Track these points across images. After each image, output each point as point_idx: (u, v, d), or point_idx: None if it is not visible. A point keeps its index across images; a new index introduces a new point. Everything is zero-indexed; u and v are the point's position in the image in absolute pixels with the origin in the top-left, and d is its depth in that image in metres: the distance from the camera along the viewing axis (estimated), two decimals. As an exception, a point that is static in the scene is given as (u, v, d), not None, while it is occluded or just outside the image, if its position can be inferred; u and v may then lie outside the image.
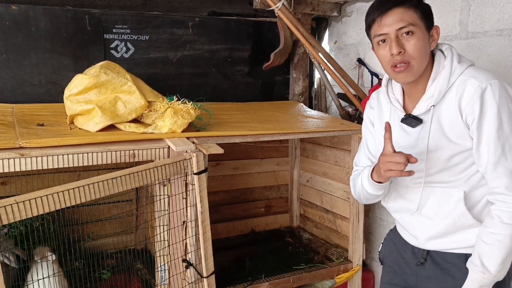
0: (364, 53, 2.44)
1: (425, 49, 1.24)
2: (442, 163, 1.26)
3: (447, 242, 1.33)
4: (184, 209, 1.59)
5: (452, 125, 1.24)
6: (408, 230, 1.42)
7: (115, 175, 1.35)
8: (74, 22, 1.98)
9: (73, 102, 1.60)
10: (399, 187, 1.41)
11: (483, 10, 1.78)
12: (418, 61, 1.23)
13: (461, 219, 1.28)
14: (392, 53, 1.22)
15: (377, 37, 1.25)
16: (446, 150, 1.25)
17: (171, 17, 2.20)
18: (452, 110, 1.23)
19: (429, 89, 1.27)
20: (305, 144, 2.47)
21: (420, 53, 1.22)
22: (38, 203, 1.18)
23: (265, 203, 2.54)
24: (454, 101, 1.23)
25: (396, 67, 1.24)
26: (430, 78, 1.27)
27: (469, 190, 1.27)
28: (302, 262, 2.05)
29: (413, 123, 1.30)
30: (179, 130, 1.60)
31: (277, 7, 2.18)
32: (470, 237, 1.28)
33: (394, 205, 1.43)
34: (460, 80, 1.23)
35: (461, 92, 1.21)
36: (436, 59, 1.28)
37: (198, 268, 1.62)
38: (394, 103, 1.35)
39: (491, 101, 1.17)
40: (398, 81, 1.30)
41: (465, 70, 1.23)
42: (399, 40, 1.22)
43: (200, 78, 2.31)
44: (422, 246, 1.38)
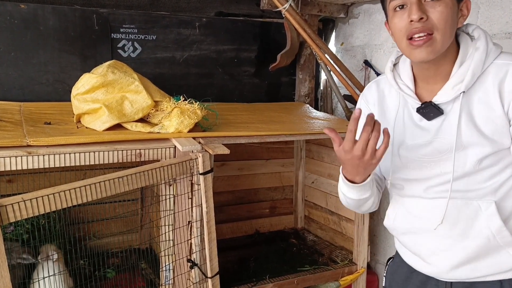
0: (371, 55, 2.43)
1: (452, 21, 1.01)
2: (472, 165, 1.04)
3: (477, 269, 1.09)
4: (189, 209, 1.59)
5: (487, 117, 1.02)
6: (422, 257, 1.17)
7: (121, 174, 1.36)
8: (82, 21, 1.98)
9: (80, 101, 1.61)
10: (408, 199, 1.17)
11: (492, 13, 1.76)
12: (442, 34, 0.99)
13: (496, 237, 1.05)
14: (411, 19, 0.99)
15: (394, 0, 1.02)
16: (478, 148, 1.02)
17: (178, 17, 2.20)
18: (489, 99, 1.01)
19: (456, 73, 1.04)
20: (311, 146, 2.46)
21: (446, 23, 0.99)
22: (45, 201, 1.19)
23: (270, 204, 2.54)
24: (491, 88, 1.01)
25: (414, 40, 1.01)
26: (457, 62, 1.05)
27: (499, 200, 1.05)
28: (306, 263, 2.05)
29: (432, 114, 1.07)
30: (185, 130, 1.60)
31: (284, 8, 2.18)
32: (506, 259, 1.07)
33: (404, 225, 1.18)
34: (496, 65, 1.02)
35: (501, 77, 1.00)
36: (462, 41, 1.07)
37: (203, 268, 1.62)
38: (405, 90, 1.12)
39: None
40: (415, 58, 1.04)
41: (500, 54, 1.04)
42: (421, 4, 0.99)
43: (206, 78, 2.31)
44: (445, 276, 1.13)
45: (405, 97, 1.13)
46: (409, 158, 1.14)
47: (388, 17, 1.09)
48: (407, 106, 1.14)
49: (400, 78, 1.14)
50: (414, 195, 1.15)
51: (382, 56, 2.35)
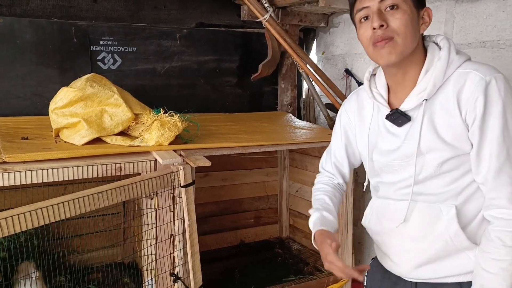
0: (352, 64, 2.46)
1: (412, 27, 1.06)
2: (433, 169, 1.09)
3: (438, 270, 1.14)
4: (171, 222, 1.58)
5: (447, 124, 1.07)
6: (390, 256, 1.23)
7: (101, 189, 1.34)
8: (60, 34, 1.96)
9: (58, 115, 1.58)
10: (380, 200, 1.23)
11: (467, 23, 1.80)
12: (403, 37, 1.05)
13: (453, 240, 1.09)
14: (373, 27, 1.06)
15: (359, 12, 1.10)
16: (438, 153, 1.08)
17: (159, 28, 2.20)
18: (449, 107, 1.06)
19: (421, 81, 1.10)
20: (294, 155, 2.47)
21: (406, 28, 1.05)
22: (21, 219, 1.16)
23: (255, 214, 2.53)
24: (451, 96, 1.06)
25: (378, 42, 1.07)
26: (422, 70, 1.10)
27: (461, 205, 1.10)
28: (291, 273, 2.05)
29: (400, 121, 1.13)
30: (166, 142, 1.59)
31: (265, 18, 2.20)
32: (465, 262, 1.11)
33: (376, 225, 1.25)
34: (458, 73, 1.07)
35: (460, 85, 1.05)
36: (429, 50, 1.12)
37: (186, 282, 1.60)
38: (377, 98, 1.18)
39: (496, 97, 1.01)
40: (380, 60, 1.10)
41: (464, 63, 1.08)
42: (381, 14, 1.07)
43: (188, 89, 2.31)
44: (409, 275, 1.19)
45: (378, 105, 1.20)
46: (382, 162, 1.20)
47: (356, 29, 1.15)
48: (381, 113, 1.19)
49: (376, 87, 1.21)
50: (385, 197, 1.23)
51: (363, 64, 2.38)
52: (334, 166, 1.36)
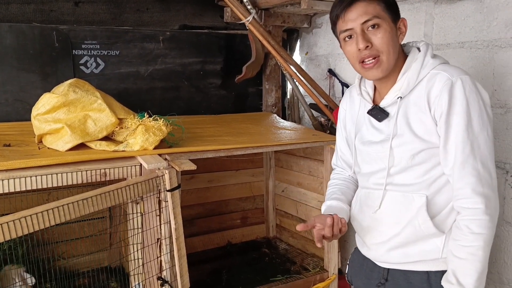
0: (335, 64, 2.48)
1: (393, 42, 1.19)
2: (405, 160, 1.20)
3: (407, 254, 1.24)
4: (158, 226, 1.58)
5: (419, 120, 1.18)
6: (366, 242, 1.34)
7: (86, 195, 1.33)
8: (42, 38, 1.94)
9: (41, 121, 1.57)
10: (362, 190, 1.36)
11: (446, 24, 1.84)
12: (387, 55, 1.18)
13: (421, 226, 1.20)
14: (359, 48, 1.18)
15: (343, 33, 1.21)
16: (410, 145, 1.19)
17: (142, 31, 2.19)
18: (421, 104, 1.18)
19: (398, 81, 1.23)
20: (280, 155, 2.49)
21: (389, 46, 1.18)
22: (4, 228, 1.15)
23: (241, 215, 2.54)
24: (423, 94, 1.17)
25: (365, 64, 1.20)
26: (401, 71, 1.22)
27: (432, 195, 1.20)
28: (279, 273, 2.07)
29: (379, 116, 1.25)
30: (151, 147, 1.59)
31: (248, 20, 2.21)
32: (432, 248, 1.21)
33: (357, 212, 1.37)
34: (430, 74, 1.18)
35: (430, 85, 1.17)
36: (410, 54, 1.24)
37: (174, 285, 1.61)
38: (364, 95, 1.32)
39: (461, 96, 1.12)
40: (368, 77, 1.25)
41: (438, 65, 1.19)
42: (365, 34, 1.18)
43: (172, 91, 2.31)
44: (381, 259, 1.29)
45: (364, 101, 1.33)
46: (363, 151, 1.33)
47: (340, 43, 1.26)
48: (365, 109, 1.33)
49: (365, 85, 1.34)
50: (365, 186, 1.34)
51: (346, 65, 2.41)
52: (341, 160, 1.48)
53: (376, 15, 1.17)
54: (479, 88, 1.15)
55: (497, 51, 1.66)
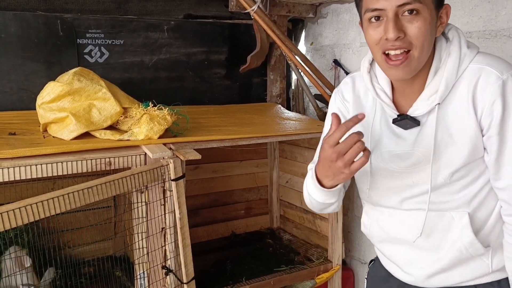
0: (340, 54, 2.46)
1: (430, 35, 0.95)
2: (444, 178, 1.00)
3: (451, 278, 1.09)
4: (162, 215, 1.58)
5: (462, 129, 0.97)
6: (400, 266, 1.16)
7: (90, 184, 1.34)
8: (46, 27, 1.94)
9: (46, 110, 1.57)
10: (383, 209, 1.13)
11: (453, 13, 1.80)
12: (420, 51, 0.94)
13: (469, 249, 1.03)
14: (387, 37, 0.93)
15: (370, 12, 0.95)
16: (453, 159, 0.98)
17: (146, 20, 2.18)
18: (463, 108, 0.96)
19: (430, 83, 0.99)
20: (284, 146, 2.48)
21: (425, 40, 0.93)
22: (11, 216, 1.16)
23: (245, 205, 2.55)
24: (465, 96, 0.95)
25: (390, 59, 0.95)
26: (431, 70, 0.99)
27: (473, 211, 1.02)
28: (282, 263, 2.07)
29: (408, 125, 1.03)
30: (155, 136, 1.58)
31: (253, 9, 2.19)
32: (479, 266, 1.06)
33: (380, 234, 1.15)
34: (471, 69, 0.96)
35: (474, 83, 0.94)
36: (437, 45, 1.00)
37: (178, 274, 1.61)
38: (381, 96, 1.05)
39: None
40: (391, 77, 1.01)
41: (475, 56, 0.97)
42: (398, 20, 0.92)
43: (177, 81, 2.30)
44: (420, 284, 1.13)
45: (381, 103, 1.08)
46: (380, 166, 1.10)
47: (362, 21, 1.02)
48: (385, 113, 1.08)
49: (377, 81, 1.08)
50: (388, 206, 1.12)
51: (351, 55, 2.39)
52: None
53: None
54: None
55: (506, 41, 1.63)
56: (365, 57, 1.11)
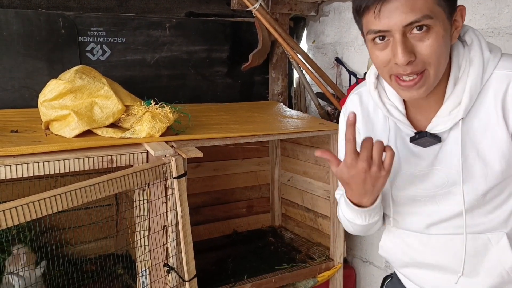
0: (342, 53, 2.46)
1: (445, 48, 0.83)
2: (475, 200, 0.90)
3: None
4: (164, 213, 1.58)
5: (491, 144, 0.86)
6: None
7: (92, 182, 1.34)
8: (48, 25, 1.94)
9: (48, 107, 1.57)
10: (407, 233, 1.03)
11: (456, 11, 1.81)
12: (435, 68, 0.83)
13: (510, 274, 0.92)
14: (396, 62, 0.83)
15: (372, 34, 0.85)
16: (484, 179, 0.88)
17: (148, 18, 2.17)
18: (491, 121, 0.86)
19: (451, 95, 0.87)
20: (286, 144, 2.48)
21: (440, 56, 0.82)
22: (13, 213, 1.16)
23: (247, 203, 2.55)
24: (493, 107, 0.85)
25: (403, 81, 0.84)
26: (450, 80, 0.87)
27: (510, 230, 0.92)
28: (284, 261, 2.07)
29: (428, 143, 0.91)
30: (157, 134, 1.58)
31: (255, 7, 2.18)
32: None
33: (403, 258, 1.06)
34: (497, 76, 0.85)
35: (503, 92, 0.84)
36: (454, 51, 0.88)
37: (180, 272, 1.61)
38: (394, 114, 0.95)
39: None
40: (404, 97, 0.90)
41: (500, 60, 0.86)
42: (407, 42, 0.81)
43: (178, 79, 2.30)
44: None
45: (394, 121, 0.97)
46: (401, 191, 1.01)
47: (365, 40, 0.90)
48: (400, 131, 0.98)
49: (387, 96, 0.97)
50: (413, 230, 1.03)
51: (353, 53, 2.38)
52: None
53: (428, 14, 0.78)
54: None
55: (509, 38, 1.63)
56: (370, 71, 1.00)
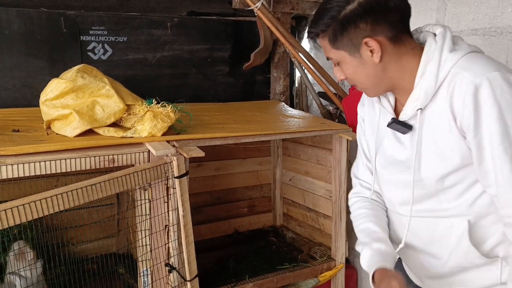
0: (344, 52, 2.45)
1: (365, 70, 1.03)
2: (433, 185, 1.02)
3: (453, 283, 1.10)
4: (165, 213, 1.58)
5: (445, 134, 0.98)
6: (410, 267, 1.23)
7: (94, 181, 1.33)
8: (49, 24, 1.93)
9: (49, 107, 1.57)
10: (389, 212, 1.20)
11: (459, 10, 1.80)
12: (362, 83, 1.07)
13: (466, 258, 1.03)
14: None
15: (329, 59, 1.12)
16: (438, 165, 1.00)
17: (149, 17, 2.17)
18: (444, 115, 0.98)
19: (415, 88, 1.01)
20: (287, 143, 2.48)
21: (361, 77, 1.05)
22: (14, 213, 1.15)
23: (248, 203, 2.54)
24: (444, 102, 0.97)
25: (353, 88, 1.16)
26: (418, 73, 1.01)
27: (475, 218, 1.01)
28: (285, 261, 2.06)
29: (402, 130, 1.06)
30: (159, 133, 1.58)
31: (256, 6, 2.18)
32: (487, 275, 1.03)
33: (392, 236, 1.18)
34: (451, 74, 0.96)
35: (451, 90, 0.95)
36: (425, 49, 1.01)
37: (181, 271, 1.61)
38: (383, 103, 1.13)
39: (489, 102, 0.90)
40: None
41: (460, 59, 0.96)
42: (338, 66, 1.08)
43: (180, 79, 2.29)
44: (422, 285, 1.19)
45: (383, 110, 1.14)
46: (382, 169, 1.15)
47: None
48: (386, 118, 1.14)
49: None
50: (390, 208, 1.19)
51: (355, 52, 2.37)
52: (367, 169, 1.25)
53: (332, 56, 1.05)
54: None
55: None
56: None
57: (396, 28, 1.01)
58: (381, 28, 1.00)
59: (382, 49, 1.02)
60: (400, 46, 1.02)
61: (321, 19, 1.04)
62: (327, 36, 1.03)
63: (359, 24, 1.00)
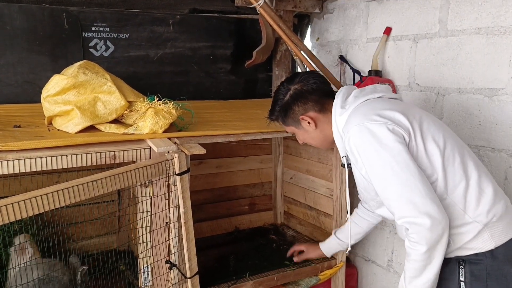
0: (346, 50, 2.45)
1: (310, 135, 1.54)
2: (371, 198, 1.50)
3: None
4: (166, 210, 1.58)
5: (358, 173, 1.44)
6: None
7: (95, 177, 1.33)
8: (51, 20, 1.93)
9: (51, 103, 1.57)
10: None
11: (462, 9, 1.80)
12: (315, 144, 1.58)
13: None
14: None
15: None
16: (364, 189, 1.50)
17: (152, 14, 2.17)
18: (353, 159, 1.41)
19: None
20: (288, 142, 2.47)
21: (310, 140, 1.57)
22: (15, 208, 1.15)
23: (249, 201, 2.54)
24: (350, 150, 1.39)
25: None
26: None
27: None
28: (286, 259, 2.06)
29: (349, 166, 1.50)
30: (160, 130, 1.58)
31: (259, 4, 2.17)
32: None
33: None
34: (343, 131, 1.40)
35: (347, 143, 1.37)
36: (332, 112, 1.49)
37: (182, 269, 1.61)
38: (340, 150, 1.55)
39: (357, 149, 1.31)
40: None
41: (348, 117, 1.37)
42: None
43: (182, 76, 2.29)
44: None
45: None
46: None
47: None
48: None
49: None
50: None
51: (357, 51, 2.37)
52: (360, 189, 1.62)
53: (287, 130, 1.61)
54: (370, 128, 1.27)
55: (515, 37, 1.61)
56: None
57: (320, 103, 1.49)
58: (310, 106, 1.49)
59: (314, 120, 1.50)
60: (327, 113, 1.49)
61: (273, 108, 1.58)
62: (279, 120, 1.58)
63: (294, 108, 1.51)
